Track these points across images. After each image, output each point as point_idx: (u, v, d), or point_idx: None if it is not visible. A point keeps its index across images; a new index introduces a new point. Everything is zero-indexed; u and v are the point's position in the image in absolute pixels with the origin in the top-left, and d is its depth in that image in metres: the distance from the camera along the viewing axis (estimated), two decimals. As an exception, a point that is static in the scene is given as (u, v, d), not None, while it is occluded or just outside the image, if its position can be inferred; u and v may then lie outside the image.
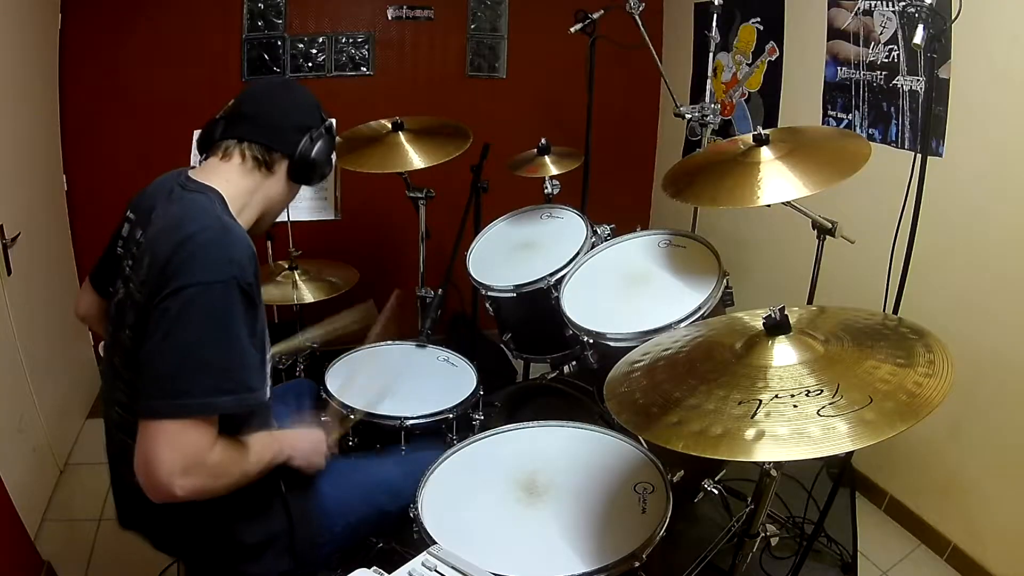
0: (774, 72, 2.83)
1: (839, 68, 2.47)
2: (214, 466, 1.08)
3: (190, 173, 1.25)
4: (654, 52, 2.39)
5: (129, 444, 1.09)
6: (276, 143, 1.27)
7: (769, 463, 1.21)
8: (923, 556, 2.21)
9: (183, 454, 1.03)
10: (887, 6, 2.22)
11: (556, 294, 1.89)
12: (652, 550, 1.17)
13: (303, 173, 1.32)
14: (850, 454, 2.10)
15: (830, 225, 1.72)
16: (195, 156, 2.32)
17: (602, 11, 2.53)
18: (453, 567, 1.06)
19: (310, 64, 3.12)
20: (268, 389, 1.21)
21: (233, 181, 1.24)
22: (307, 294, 2.45)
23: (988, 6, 1.86)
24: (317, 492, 1.38)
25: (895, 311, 1.73)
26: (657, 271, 1.84)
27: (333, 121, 1.39)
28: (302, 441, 1.33)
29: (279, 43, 3.05)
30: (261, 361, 1.16)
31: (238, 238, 1.13)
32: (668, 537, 1.22)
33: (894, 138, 2.28)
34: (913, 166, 1.66)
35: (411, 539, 1.29)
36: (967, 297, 2.05)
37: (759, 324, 1.14)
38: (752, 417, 0.96)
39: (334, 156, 1.38)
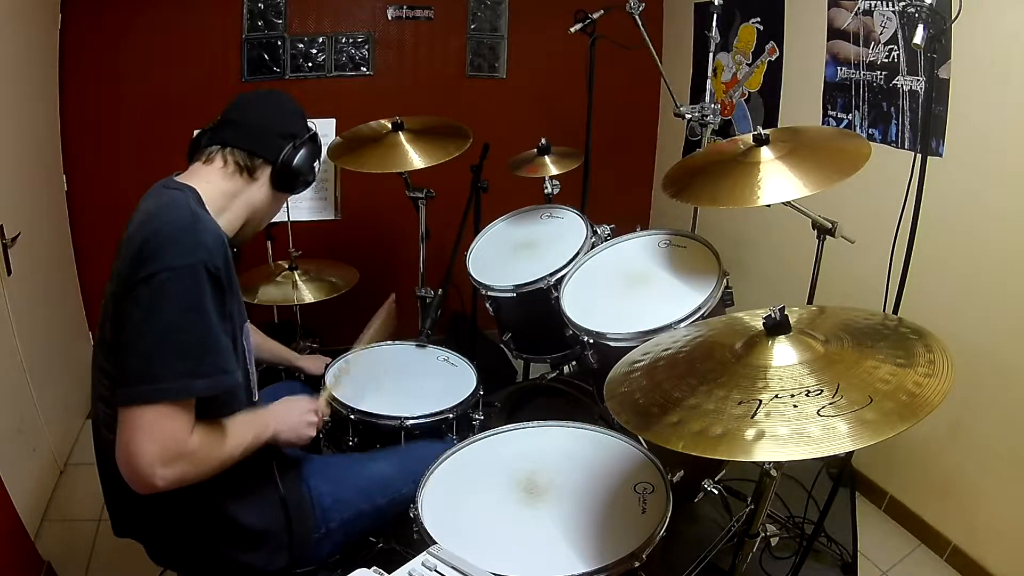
0: (774, 72, 2.83)
1: (839, 68, 2.47)
2: (193, 453, 1.08)
3: (174, 176, 1.28)
4: (654, 52, 2.39)
5: (112, 440, 1.09)
6: (259, 149, 1.29)
7: (769, 463, 1.21)
8: (923, 556, 2.21)
9: (162, 442, 1.04)
10: (887, 6, 2.22)
11: (556, 294, 1.89)
12: (652, 550, 1.17)
13: (286, 181, 1.33)
14: (850, 454, 2.10)
15: (830, 225, 1.72)
16: (195, 156, 2.33)
17: (602, 11, 2.53)
18: (453, 567, 1.06)
19: (310, 64, 3.12)
20: (247, 377, 1.22)
21: (213, 183, 1.26)
22: (307, 294, 2.46)
23: (988, 6, 1.86)
24: (313, 489, 1.38)
25: (895, 311, 1.73)
26: (657, 271, 1.84)
27: (317, 130, 1.41)
28: (286, 414, 1.33)
29: (279, 43, 3.05)
30: (233, 345, 1.18)
31: (207, 226, 1.15)
32: (668, 537, 1.22)
33: (894, 138, 2.28)
34: (913, 166, 1.66)
35: (411, 539, 1.29)
36: (967, 297, 2.05)
37: (759, 324, 1.14)
38: (752, 417, 0.96)
39: (318, 164, 1.39)
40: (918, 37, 1.56)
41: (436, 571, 1.05)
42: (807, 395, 0.97)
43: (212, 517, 1.24)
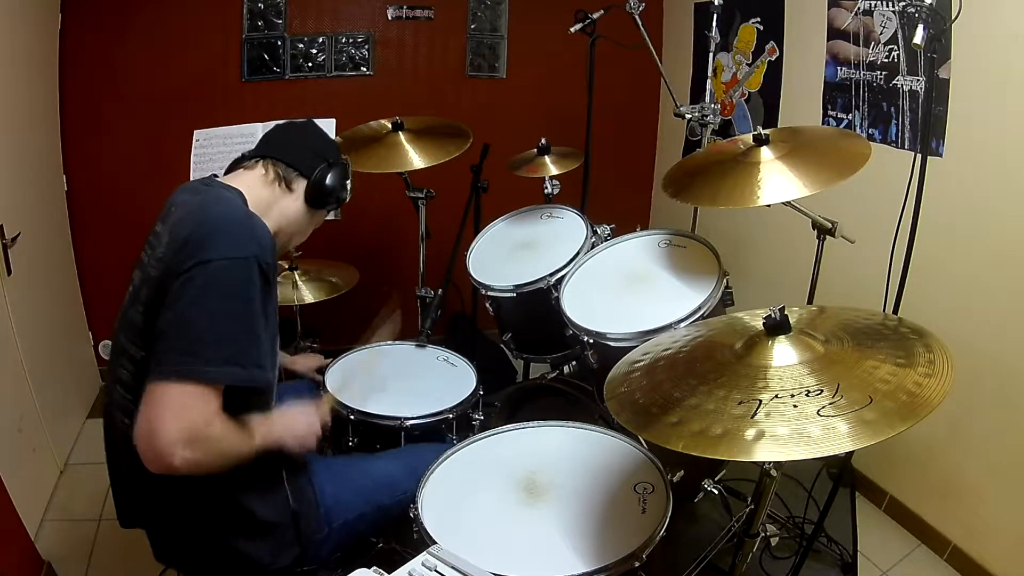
0: (774, 72, 2.83)
1: (839, 68, 2.47)
2: (214, 440, 1.10)
3: (215, 177, 1.35)
4: (654, 52, 2.39)
5: (129, 427, 1.10)
6: (296, 163, 1.37)
7: (769, 463, 1.21)
8: (923, 556, 2.21)
9: (187, 422, 1.05)
10: (887, 6, 2.22)
11: (556, 294, 1.88)
12: (652, 550, 1.17)
13: (318, 196, 1.39)
14: (850, 454, 2.10)
15: (830, 225, 1.72)
16: (194, 157, 2.33)
17: (602, 11, 2.52)
18: (453, 567, 1.06)
19: (310, 64, 3.11)
20: (274, 374, 1.24)
21: (255, 188, 1.32)
22: (307, 294, 2.45)
23: (988, 6, 1.86)
24: (316, 489, 1.39)
25: (895, 311, 1.73)
26: (657, 271, 1.84)
27: (350, 161, 1.48)
28: (292, 425, 1.34)
29: (279, 43, 3.05)
30: (271, 343, 1.21)
31: (259, 222, 1.20)
32: (668, 537, 1.22)
33: (894, 138, 2.28)
34: (913, 166, 1.66)
35: (411, 539, 1.29)
36: (967, 297, 2.05)
37: (759, 324, 1.14)
38: (752, 417, 0.96)
39: (349, 185, 1.46)
40: (918, 37, 1.56)
41: (436, 571, 1.05)
42: (807, 395, 0.97)
43: (223, 505, 1.25)
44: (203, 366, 1.07)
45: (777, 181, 1.51)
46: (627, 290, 1.82)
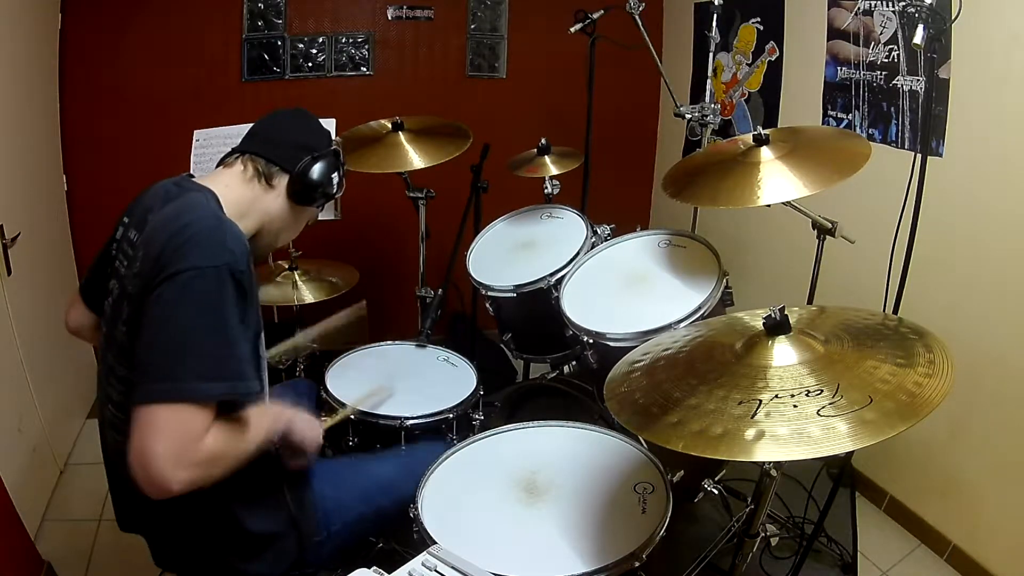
0: (774, 72, 2.83)
1: (839, 68, 2.47)
2: (209, 456, 1.07)
3: (187, 177, 1.30)
4: (654, 52, 2.39)
5: (122, 442, 1.09)
6: (276, 158, 1.31)
7: (769, 463, 1.21)
8: (923, 556, 2.21)
9: (178, 443, 1.02)
10: (887, 6, 2.22)
11: (556, 294, 1.89)
12: (652, 550, 1.17)
13: (302, 191, 1.33)
14: (850, 454, 2.10)
15: (830, 225, 1.72)
16: (194, 157, 2.33)
17: (602, 11, 2.53)
18: (453, 567, 1.06)
19: (310, 64, 3.11)
20: (262, 383, 1.21)
21: (232, 187, 1.27)
22: (307, 294, 2.45)
23: (988, 6, 1.86)
24: (315, 492, 1.38)
25: (895, 311, 1.73)
26: (657, 271, 1.84)
27: (340, 147, 1.41)
28: (298, 417, 1.32)
29: (279, 43, 3.05)
30: (254, 352, 1.17)
31: (232, 230, 1.15)
32: (668, 537, 1.22)
33: (894, 138, 2.28)
34: (913, 166, 1.66)
35: (411, 539, 1.29)
36: (967, 297, 2.05)
37: (759, 324, 1.14)
38: (752, 417, 0.96)
39: (338, 178, 1.39)
40: (918, 37, 1.56)
41: (436, 571, 1.05)
42: (807, 395, 0.97)
43: (218, 522, 1.24)
44: (184, 384, 1.03)
45: (777, 181, 1.51)
46: (627, 290, 1.83)
